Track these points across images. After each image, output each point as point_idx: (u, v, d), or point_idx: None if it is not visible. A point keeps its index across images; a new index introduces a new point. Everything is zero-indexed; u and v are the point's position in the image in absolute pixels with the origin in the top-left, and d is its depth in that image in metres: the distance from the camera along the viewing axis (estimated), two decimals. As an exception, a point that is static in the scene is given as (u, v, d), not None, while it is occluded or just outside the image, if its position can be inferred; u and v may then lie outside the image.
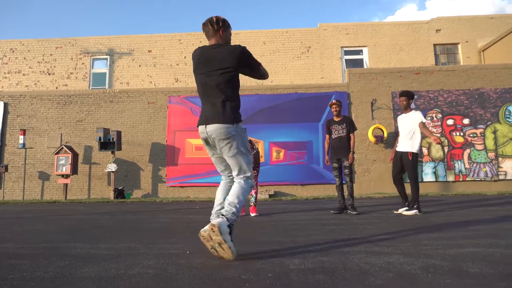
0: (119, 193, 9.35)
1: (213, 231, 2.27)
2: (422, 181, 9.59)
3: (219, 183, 9.83)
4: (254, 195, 5.49)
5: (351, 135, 5.45)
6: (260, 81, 15.15)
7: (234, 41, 15.71)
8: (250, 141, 5.48)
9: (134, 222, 4.83)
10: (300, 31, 15.94)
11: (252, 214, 5.29)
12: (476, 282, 1.81)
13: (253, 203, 5.42)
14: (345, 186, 5.45)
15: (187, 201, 8.69)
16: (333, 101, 5.64)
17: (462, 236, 3.14)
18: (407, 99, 5.19)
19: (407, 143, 5.07)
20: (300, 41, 15.79)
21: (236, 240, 3.16)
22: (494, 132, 9.78)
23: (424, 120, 5.06)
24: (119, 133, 9.59)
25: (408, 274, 1.96)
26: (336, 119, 5.58)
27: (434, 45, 15.99)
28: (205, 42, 15.63)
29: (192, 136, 10.02)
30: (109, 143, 9.43)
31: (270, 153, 9.94)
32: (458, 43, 15.96)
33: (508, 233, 3.25)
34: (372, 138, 9.72)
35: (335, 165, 5.49)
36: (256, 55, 15.52)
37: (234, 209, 2.42)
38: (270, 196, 9.34)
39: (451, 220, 4.27)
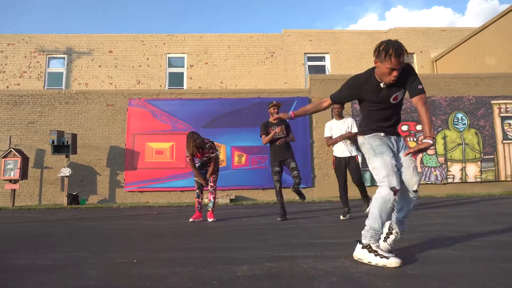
0: (73, 199, 8.93)
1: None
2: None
3: (179, 187, 9.64)
4: (212, 200, 5.40)
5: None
6: (223, 85, 15.13)
7: (198, 44, 15.60)
8: (212, 143, 5.37)
9: (88, 229, 4.64)
10: (265, 36, 16.11)
11: (210, 220, 5.22)
12: (412, 282, 1.89)
13: (211, 208, 5.35)
14: (284, 190, 5.29)
15: (146, 206, 8.47)
16: (274, 102, 5.37)
17: (411, 238, 3.26)
18: (341, 106, 5.19)
19: (351, 148, 5.16)
20: (265, 46, 15.95)
21: (188, 247, 3.12)
22: (444, 138, 10.34)
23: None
24: (74, 136, 9.18)
25: (351, 278, 2.02)
26: (274, 121, 5.35)
27: (392, 54, 16.70)
28: (169, 44, 15.40)
29: (153, 140, 9.79)
30: (63, 146, 8.99)
31: (232, 158, 9.92)
32: (414, 53, 16.77)
33: (446, 235, 3.42)
34: (332, 143, 9.95)
35: (277, 168, 5.20)
36: (221, 59, 15.50)
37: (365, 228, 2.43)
38: (231, 200, 9.30)
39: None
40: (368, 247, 2.34)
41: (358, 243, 2.43)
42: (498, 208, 5.82)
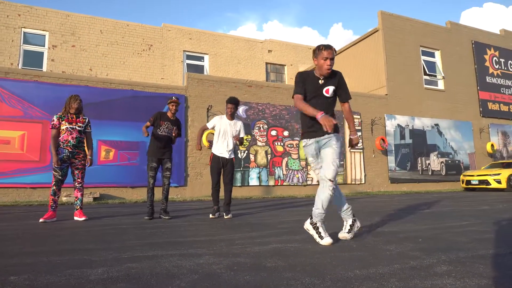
0: None
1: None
2: (248, 185, 10.45)
3: (29, 183, 8.36)
4: (80, 197, 4.88)
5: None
6: (92, 72, 13.77)
7: (64, 23, 13.87)
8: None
9: None
10: (143, 27, 15.31)
11: (81, 219, 4.75)
12: (269, 275, 2.00)
13: (79, 206, 4.83)
14: (158, 189, 5.17)
15: (-19, 205, 7.04)
16: (173, 98, 5.16)
17: (270, 234, 3.48)
18: (235, 107, 5.21)
19: (231, 150, 5.25)
20: (142, 37, 15.16)
21: (29, 251, 2.72)
22: (306, 144, 11.52)
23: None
24: None
25: (213, 274, 2.02)
26: (171, 117, 5.21)
27: (266, 63, 17.86)
28: (26, 16, 13.20)
29: (-5, 127, 8.22)
30: None
31: (98, 152, 9.06)
32: (285, 65, 18.27)
33: (303, 231, 3.77)
34: (206, 143, 10.04)
35: (154, 164, 5.02)
36: (91, 44, 14.09)
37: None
38: (95, 199, 8.49)
39: (266, 220, 4.73)
40: (314, 224, 2.97)
41: (309, 218, 3.03)
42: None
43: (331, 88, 3.08)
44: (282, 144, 11.17)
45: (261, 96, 11.37)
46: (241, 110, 10.80)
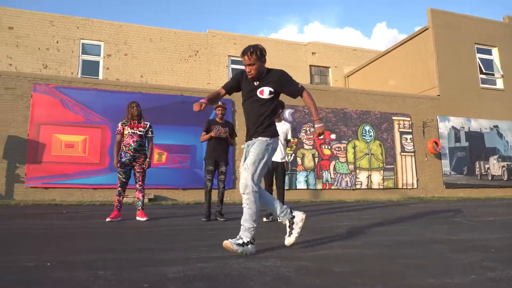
0: (-43, 195, 7.64)
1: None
2: (296, 189, 10.43)
3: (91, 185, 8.86)
4: (141, 198, 5.22)
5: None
6: (143, 79, 14.44)
7: (117, 33, 14.67)
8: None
9: (-24, 230, 3.99)
10: (189, 34, 15.81)
11: (143, 219, 5.03)
12: (339, 280, 2.01)
13: (140, 207, 5.14)
14: (213, 191, 5.30)
15: (52, 204, 7.62)
16: (219, 103, 5.42)
17: (328, 239, 3.47)
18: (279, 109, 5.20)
19: (282, 152, 5.28)
20: (188, 44, 15.66)
21: (105, 248, 2.91)
22: (354, 147, 11.31)
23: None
24: (-39, 122, 7.88)
25: (283, 277, 2.07)
26: (219, 121, 5.42)
27: (310, 66, 17.73)
28: (84, 28, 14.16)
29: (62, 132, 8.87)
30: None
31: (152, 156, 9.48)
32: (329, 67, 18.03)
33: (361, 236, 3.74)
34: (253, 146, 10.17)
35: (211, 167, 5.22)
36: (141, 52, 14.78)
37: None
38: (150, 200, 8.89)
39: (320, 224, 4.71)
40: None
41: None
42: (398, 212, 6.54)
43: (266, 89, 2.91)
44: (329, 147, 11.05)
45: (307, 99, 11.30)
46: (287, 113, 10.82)
